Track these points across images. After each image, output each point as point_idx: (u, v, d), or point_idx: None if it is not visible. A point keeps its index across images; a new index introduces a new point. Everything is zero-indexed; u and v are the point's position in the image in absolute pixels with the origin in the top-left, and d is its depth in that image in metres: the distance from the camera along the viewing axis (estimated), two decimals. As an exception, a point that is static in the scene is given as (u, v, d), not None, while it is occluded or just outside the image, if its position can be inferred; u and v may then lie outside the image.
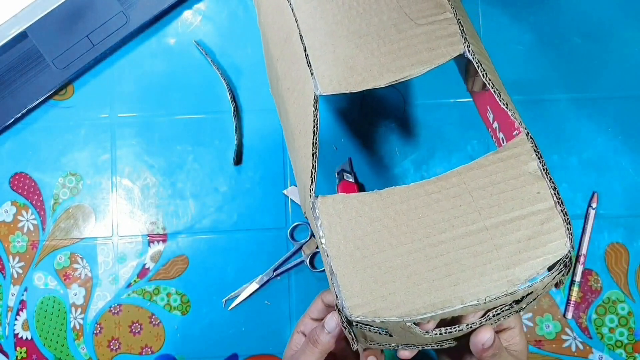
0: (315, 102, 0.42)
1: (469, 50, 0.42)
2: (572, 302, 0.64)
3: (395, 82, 0.42)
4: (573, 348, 0.64)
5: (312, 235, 0.65)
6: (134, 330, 0.64)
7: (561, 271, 0.39)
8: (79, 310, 0.65)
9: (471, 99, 0.66)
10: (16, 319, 0.64)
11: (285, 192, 0.65)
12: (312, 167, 0.42)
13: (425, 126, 0.66)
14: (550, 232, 0.39)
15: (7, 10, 0.64)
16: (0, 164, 0.66)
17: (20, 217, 0.65)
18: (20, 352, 0.64)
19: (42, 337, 0.64)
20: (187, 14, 0.67)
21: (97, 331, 0.64)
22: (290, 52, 0.45)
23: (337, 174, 0.64)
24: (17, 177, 0.66)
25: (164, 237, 0.65)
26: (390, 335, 0.39)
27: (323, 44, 0.43)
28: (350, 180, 0.64)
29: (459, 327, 0.39)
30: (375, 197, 0.41)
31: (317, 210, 0.41)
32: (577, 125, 0.66)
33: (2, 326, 0.64)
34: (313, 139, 0.42)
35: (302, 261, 0.64)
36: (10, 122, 0.65)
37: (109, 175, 0.66)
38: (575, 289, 0.64)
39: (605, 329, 0.64)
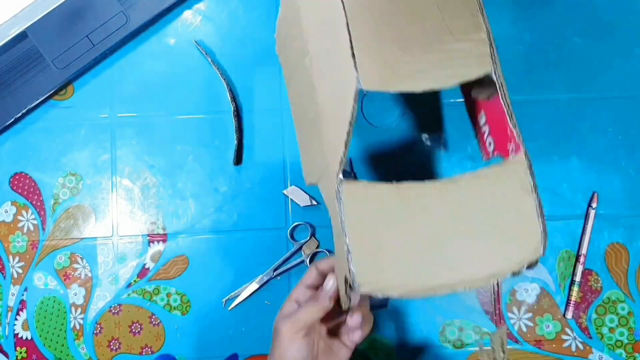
0: (356, 96, 0.44)
1: (495, 73, 0.47)
2: (572, 302, 0.64)
3: (430, 91, 0.45)
4: (573, 348, 0.64)
5: (312, 235, 0.65)
6: (134, 330, 0.64)
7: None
8: (79, 310, 0.65)
9: (471, 99, 0.66)
10: (16, 319, 0.64)
11: (285, 192, 0.65)
12: (343, 155, 0.46)
13: (426, 126, 0.66)
14: (530, 239, 0.46)
15: (7, 10, 0.64)
16: (0, 164, 0.66)
17: (20, 217, 0.65)
18: (20, 352, 0.64)
19: (42, 337, 0.64)
20: (187, 14, 0.67)
21: (97, 331, 0.64)
22: (331, 35, 0.47)
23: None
24: (17, 177, 0.66)
25: (164, 237, 0.65)
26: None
27: (369, 39, 0.45)
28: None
29: None
30: (394, 189, 0.46)
31: (341, 194, 0.45)
32: (577, 125, 0.66)
33: (2, 326, 0.64)
34: (348, 129, 0.45)
35: (302, 261, 0.64)
36: (10, 122, 0.65)
37: (109, 175, 0.66)
38: (575, 288, 0.64)
39: (605, 328, 0.64)
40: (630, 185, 0.66)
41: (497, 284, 0.64)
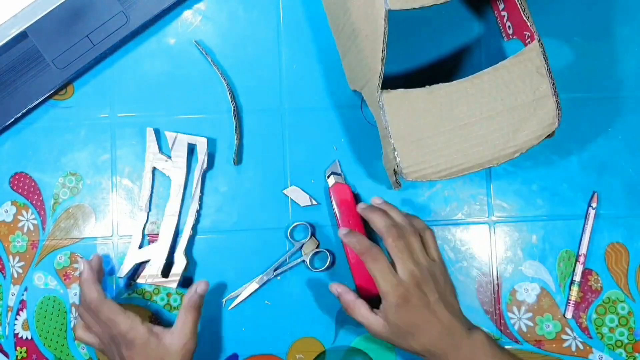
0: (386, 16, 0.51)
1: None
2: (572, 301, 0.64)
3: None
4: (573, 348, 0.64)
5: (313, 235, 0.65)
6: (134, 330, 0.64)
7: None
8: (79, 310, 0.65)
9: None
10: (16, 319, 0.64)
11: (285, 192, 0.65)
12: (381, 69, 0.53)
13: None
14: (546, 115, 0.55)
15: (7, 10, 0.64)
16: (0, 164, 0.66)
17: (20, 217, 0.65)
18: (21, 352, 0.64)
19: (42, 337, 0.64)
20: (187, 14, 0.67)
21: (97, 331, 0.64)
22: None
23: (327, 176, 0.65)
24: (17, 177, 0.66)
25: (164, 237, 0.65)
26: None
27: None
28: (341, 181, 0.64)
29: None
30: (426, 92, 0.55)
31: (382, 102, 0.55)
32: (577, 125, 0.66)
33: (2, 326, 0.64)
34: (382, 47, 0.52)
35: (303, 261, 0.64)
36: (10, 122, 0.65)
37: (109, 175, 0.66)
38: (575, 288, 0.64)
39: (605, 328, 0.64)
40: (630, 185, 0.66)
41: (498, 284, 0.65)
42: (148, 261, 0.63)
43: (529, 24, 0.55)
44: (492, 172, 0.66)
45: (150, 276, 0.63)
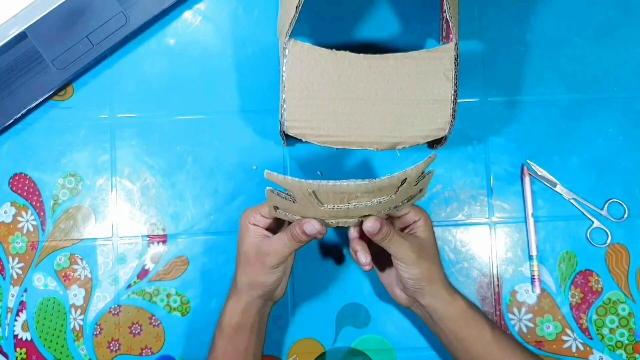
0: None
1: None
2: (536, 277, 0.64)
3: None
4: (573, 349, 0.64)
5: None
6: (133, 331, 0.64)
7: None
8: (79, 311, 0.64)
9: (472, 100, 0.66)
10: (16, 320, 0.64)
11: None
12: (294, 16, 0.53)
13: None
14: (439, 119, 0.54)
15: (7, 10, 0.63)
16: (0, 164, 0.66)
17: (19, 218, 0.65)
18: (20, 353, 0.64)
19: (42, 338, 0.64)
20: (187, 14, 0.67)
21: (97, 332, 0.64)
22: None
23: None
24: (17, 178, 0.66)
25: (163, 238, 0.65)
26: (294, 202, 0.49)
27: None
28: None
29: (348, 205, 0.49)
30: (332, 55, 0.54)
31: (286, 50, 0.54)
32: (577, 125, 0.66)
33: (2, 327, 0.64)
34: None
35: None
36: (10, 122, 0.64)
37: (108, 175, 0.66)
38: (535, 262, 0.64)
39: (605, 329, 0.64)
40: (630, 185, 0.65)
41: (498, 285, 0.64)
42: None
43: (450, 23, 0.54)
44: (492, 172, 0.66)
45: None
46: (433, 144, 0.58)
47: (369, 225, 0.51)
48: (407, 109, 0.54)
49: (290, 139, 0.57)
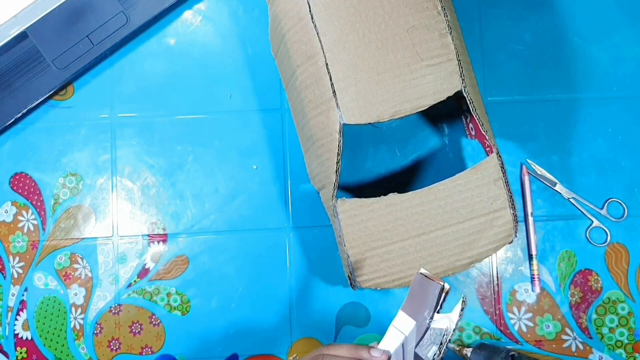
0: (340, 130, 0.52)
1: (464, 90, 0.52)
2: (536, 276, 0.64)
3: (408, 115, 0.52)
4: (573, 348, 0.64)
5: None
6: (134, 330, 0.64)
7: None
8: (79, 310, 0.65)
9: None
10: (16, 319, 0.64)
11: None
12: (335, 180, 0.53)
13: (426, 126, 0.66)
14: (503, 226, 0.54)
15: (7, 10, 0.64)
16: (1, 164, 0.66)
17: (20, 217, 0.65)
18: (21, 352, 0.64)
19: (42, 337, 0.64)
20: (187, 14, 0.67)
21: (97, 331, 0.64)
22: (315, 70, 0.53)
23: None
24: (17, 177, 0.66)
25: (164, 237, 0.65)
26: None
27: (346, 76, 0.52)
28: None
29: None
30: (381, 202, 0.54)
31: (336, 211, 0.54)
32: (577, 125, 0.66)
33: (3, 326, 0.64)
34: (337, 159, 0.52)
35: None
36: (10, 122, 0.65)
37: (109, 175, 0.66)
38: (535, 262, 0.64)
39: (605, 329, 0.64)
40: (629, 184, 0.66)
41: (498, 284, 0.65)
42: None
43: (487, 137, 0.55)
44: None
45: None
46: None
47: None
48: (470, 228, 0.54)
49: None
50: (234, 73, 0.67)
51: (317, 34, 0.52)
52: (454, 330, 0.46)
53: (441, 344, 0.46)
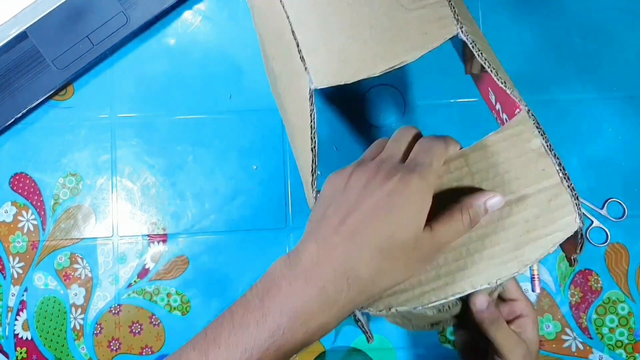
0: (311, 97, 0.42)
1: (462, 31, 0.41)
2: (536, 276, 0.64)
3: (390, 70, 0.41)
4: (573, 348, 0.64)
5: None
6: (134, 331, 0.64)
7: (575, 247, 0.39)
8: (79, 310, 0.65)
9: (471, 99, 0.66)
10: (16, 319, 0.64)
11: None
12: (313, 162, 0.42)
13: (426, 126, 0.66)
14: (559, 209, 0.39)
15: (7, 10, 0.63)
16: (0, 164, 0.66)
17: (20, 218, 0.65)
18: (21, 353, 0.64)
19: (42, 338, 0.64)
20: (187, 14, 0.67)
21: (97, 331, 0.64)
22: (284, 49, 0.45)
23: None
24: (17, 177, 0.66)
25: (164, 238, 0.65)
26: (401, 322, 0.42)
27: (315, 38, 0.43)
28: None
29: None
30: None
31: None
32: (577, 125, 0.66)
33: (2, 326, 0.64)
34: (311, 134, 0.42)
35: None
36: (10, 122, 0.65)
37: (109, 175, 0.66)
38: (535, 266, 0.64)
39: (605, 329, 0.64)
40: (629, 184, 0.66)
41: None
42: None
43: (514, 97, 0.43)
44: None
45: None
46: (570, 253, 0.43)
47: (478, 300, 0.41)
48: (510, 214, 0.39)
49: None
50: (234, 73, 0.67)
51: (283, 7, 0.44)
52: None
53: None
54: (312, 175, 0.42)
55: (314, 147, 0.42)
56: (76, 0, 0.64)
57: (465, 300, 0.42)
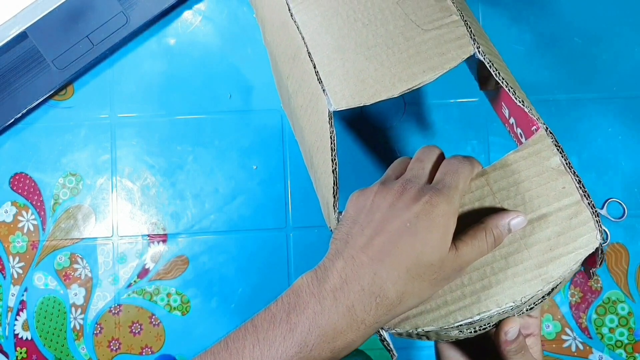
0: (330, 119, 0.42)
1: (479, 51, 0.42)
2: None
3: (409, 91, 0.42)
4: (573, 348, 0.64)
5: None
6: (134, 331, 0.64)
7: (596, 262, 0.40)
8: (79, 310, 0.65)
9: (471, 99, 0.66)
10: (16, 319, 0.64)
11: None
12: (334, 184, 0.42)
13: (426, 126, 0.66)
14: (579, 226, 0.40)
15: (7, 10, 0.64)
16: (0, 164, 0.66)
17: (20, 218, 0.65)
18: (21, 353, 0.64)
19: (42, 338, 0.64)
20: (187, 14, 0.67)
21: (97, 331, 0.64)
22: (300, 69, 0.46)
23: None
24: (17, 177, 0.66)
25: (164, 238, 0.65)
26: (428, 338, 0.42)
27: (332, 59, 0.43)
28: None
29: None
30: None
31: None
32: (577, 125, 0.66)
33: (2, 326, 0.64)
34: (332, 156, 0.42)
35: (302, 261, 0.64)
36: (10, 122, 0.65)
37: (109, 175, 0.66)
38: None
39: (605, 329, 0.64)
40: (629, 184, 0.66)
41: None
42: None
43: (533, 115, 0.43)
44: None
45: None
46: (590, 267, 0.42)
47: (509, 327, 0.39)
48: (533, 232, 0.40)
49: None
50: (234, 73, 0.67)
51: (298, 27, 0.45)
52: None
53: None
54: (334, 197, 0.42)
55: (335, 169, 0.42)
56: (76, 0, 0.64)
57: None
